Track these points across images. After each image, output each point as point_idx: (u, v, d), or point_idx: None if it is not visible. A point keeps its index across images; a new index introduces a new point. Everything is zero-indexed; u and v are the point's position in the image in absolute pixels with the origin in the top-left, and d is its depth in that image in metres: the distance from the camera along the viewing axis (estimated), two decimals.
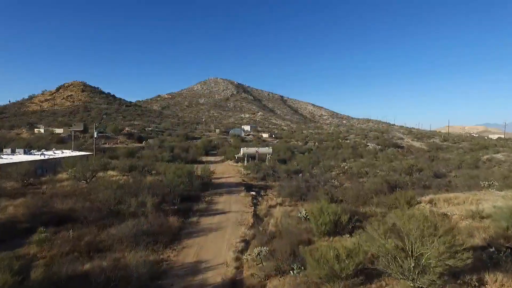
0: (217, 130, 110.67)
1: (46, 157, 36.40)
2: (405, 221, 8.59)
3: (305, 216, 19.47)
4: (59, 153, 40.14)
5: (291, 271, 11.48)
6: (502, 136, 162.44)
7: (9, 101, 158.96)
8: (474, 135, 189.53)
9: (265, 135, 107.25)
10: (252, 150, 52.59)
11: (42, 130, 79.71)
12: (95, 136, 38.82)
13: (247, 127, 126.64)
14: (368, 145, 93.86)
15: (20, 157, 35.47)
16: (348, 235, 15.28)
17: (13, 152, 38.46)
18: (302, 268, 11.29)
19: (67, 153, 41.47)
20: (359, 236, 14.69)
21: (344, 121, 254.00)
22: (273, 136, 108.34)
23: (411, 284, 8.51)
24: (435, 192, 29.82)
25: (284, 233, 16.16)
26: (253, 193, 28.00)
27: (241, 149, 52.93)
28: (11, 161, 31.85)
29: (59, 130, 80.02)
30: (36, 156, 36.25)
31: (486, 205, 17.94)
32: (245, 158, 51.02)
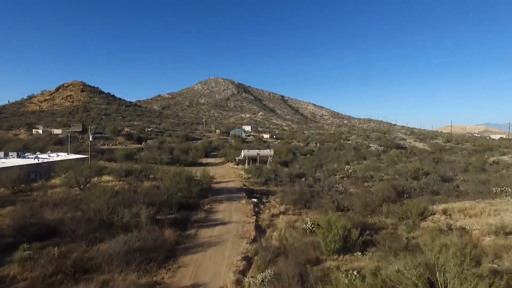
0: (218, 131, 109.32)
1: (40, 160, 35.11)
2: (437, 253, 7.29)
3: (310, 228, 18.20)
4: (54, 156, 38.87)
5: None
6: (504, 136, 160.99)
7: (8, 101, 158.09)
8: (476, 135, 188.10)
9: (266, 136, 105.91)
10: (253, 152, 51.24)
11: (40, 131, 78.45)
12: (91, 139, 37.46)
13: (247, 128, 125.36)
14: (370, 146, 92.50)
15: (13, 161, 34.21)
16: (360, 253, 13.97)
17: (5, 155, 37.14)
18: None
19: (63, 156, 40.20)
20: (372, 255, 13.43)
21: (345, 121, 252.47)
22: (274, 136, 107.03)
23: None
24: (444, 198, 28.56)
25: (289, 249, 14.89)
26: (255, 200, 26.69)
27: (242, 151, 51.59)
28: (2, 165, 30.57)
29: (57, 131, 78.78)
30: (30, 160, 34.96)
31: (507, 217, 16.62)
32: (246, 161, 49.72)
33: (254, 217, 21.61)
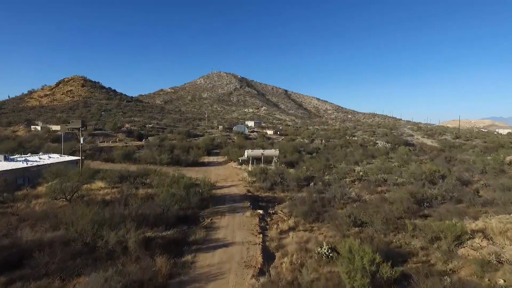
0: (220, 127, 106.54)
1: (29, 164, 32.67)
2: None
3: (326, 253, 15.59)
4: (45, 158, 36.39)
5: None
6: (511, 131, 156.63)
7: (8, 96, 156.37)
8: (483, 130, 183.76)
9: (269, 132, 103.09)
10: (257, 152, 48.54)
11: (39, 127, 76.14)
12: (82, 142, 34.91)
13: (251, 123, 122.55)
14: (377, 143, 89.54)
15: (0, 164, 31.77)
16: None
17: None
18: None
19: (55, 158, 37.73)
20: None
21: (350, 116, 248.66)
22: (278, 133, 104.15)
23: None
24: (471, 209, 25.80)
25: (304, 287, 12.29)
26: (260, 211, 24.05)
27: (246, 151, 48.91)
28: None
29: (56, 127, 76.38)
30: (18, 163, 32.52)
31: None
32: (250, 161, 47.13)
33: (261, 235, 19.00)
